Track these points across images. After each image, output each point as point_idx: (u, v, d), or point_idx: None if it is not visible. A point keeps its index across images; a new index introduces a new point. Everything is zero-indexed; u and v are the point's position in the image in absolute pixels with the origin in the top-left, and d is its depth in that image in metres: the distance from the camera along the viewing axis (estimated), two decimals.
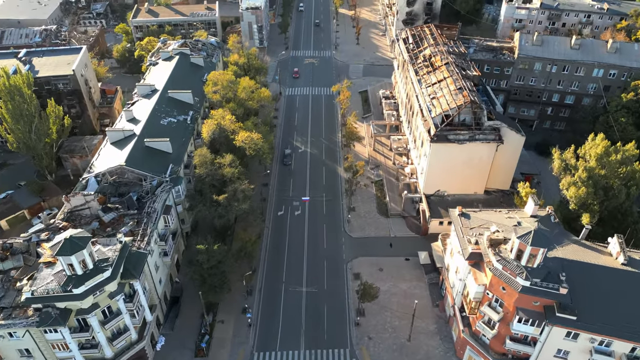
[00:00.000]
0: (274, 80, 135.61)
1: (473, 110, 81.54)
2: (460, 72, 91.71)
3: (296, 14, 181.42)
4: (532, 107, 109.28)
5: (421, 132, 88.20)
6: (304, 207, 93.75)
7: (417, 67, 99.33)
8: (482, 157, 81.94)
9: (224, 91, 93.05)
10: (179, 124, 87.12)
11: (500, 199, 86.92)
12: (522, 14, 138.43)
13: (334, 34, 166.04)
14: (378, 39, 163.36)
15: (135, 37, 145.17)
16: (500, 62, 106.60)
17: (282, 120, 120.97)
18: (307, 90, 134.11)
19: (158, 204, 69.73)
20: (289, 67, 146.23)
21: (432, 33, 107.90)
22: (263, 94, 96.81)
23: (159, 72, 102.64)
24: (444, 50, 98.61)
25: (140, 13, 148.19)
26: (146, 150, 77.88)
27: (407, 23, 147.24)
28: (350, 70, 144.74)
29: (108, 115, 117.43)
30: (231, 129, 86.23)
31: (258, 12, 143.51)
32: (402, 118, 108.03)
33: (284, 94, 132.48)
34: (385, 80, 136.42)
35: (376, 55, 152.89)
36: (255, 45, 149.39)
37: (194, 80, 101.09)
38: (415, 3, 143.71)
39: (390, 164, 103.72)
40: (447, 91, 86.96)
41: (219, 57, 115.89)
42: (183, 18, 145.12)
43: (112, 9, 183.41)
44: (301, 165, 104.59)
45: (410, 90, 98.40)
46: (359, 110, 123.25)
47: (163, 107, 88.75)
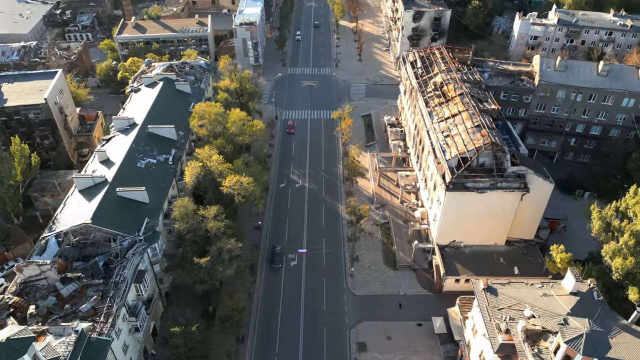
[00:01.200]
0: (270, 102, 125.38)
1: (494, 153, 71.17)
2: (477, 104, 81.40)
3: (295, 27, 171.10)
4: (554, 138, 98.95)
5: (433, 174, 77.91)
6: (300, 256, 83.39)
7: (427, 96, 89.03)
8: (505, 207, 71.58)
9: (212, 126, 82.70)
10: (159, 166, 76.72)
11: (523, 250, 76.51)
12: (538, 30, 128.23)
13: (334, 49, 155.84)
14: (381, 54, 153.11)
15: (121, 55, 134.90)
16: (518, 90, 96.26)
17: (277, 148, 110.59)
18: (305, 113, 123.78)
19: (128, 271, 59.33)
20: (286, 86, 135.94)
21: (442, 56, 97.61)
22: (256, 128, 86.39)
23: (141, 100, 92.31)
24: (457, 78, 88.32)
25: (127, 28, 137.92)
26: (118, 201, 67.48)
27: (413, 39, 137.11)
28: (352, 90, 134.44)
29: (87, 144, 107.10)
30: (218, 171, 75.92)
31: (253, 28, 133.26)
32: (410, 150, 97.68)
33: (280, 118, 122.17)
34: (390, 102, 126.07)
35: (380, 73, 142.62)
36: (250, 62, 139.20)
37: (179, 111, 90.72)
38: (422, 18, 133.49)
39: (397, 203, 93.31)
40: (462, 128, 76.64)
41: (208, 81, 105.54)
42: (172, 34, 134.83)
43: (100, 20, 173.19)
44: (298, 205, 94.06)
45: (420, 122, 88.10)
46: (361, 138, 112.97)
47: (141, 146, 78.36)
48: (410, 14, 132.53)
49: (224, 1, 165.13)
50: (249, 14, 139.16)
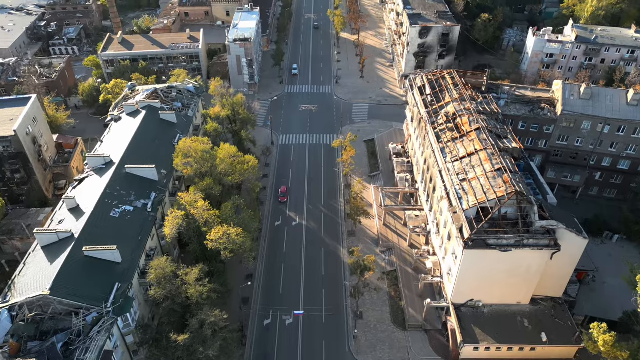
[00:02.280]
0: (265, 125, 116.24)
1: (519, 203, 61.98)
2: (496, 142, 72.22)
3: (293, 38, 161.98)
4: (577, 172, 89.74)
5: (447, 222, 68.72)
6: (297, 307, 74.18)
7: (438, 128, 79.87)
8: (531, 266, 62.41)
9: (198, 165, 73.47)
10: (137, 215, 67.44)
11: (551, 310, 67.23)
12: (554, 48, 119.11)
13: (334, 64, 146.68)
14: (385, 70, 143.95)
15: (106, 73, 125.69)
16: (539, 119, 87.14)
17: (273, 179, 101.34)
18: (303, 138, 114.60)
19: (92, 355, 50.05)
20: (284, 106, 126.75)
21: (454, 82, 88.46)
22: (248, 165, 77.11)
23: (120, 132, 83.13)
24: (472, 109, 79.17)
25: (113, 44, 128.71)
26: (85, 262, 58.25)
27: (419, 56, 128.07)
28: (354, 111, 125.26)
29: (64, 176, 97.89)
30: (203, 220, 66.73)
31: (247, 45, 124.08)
32: (419, 185, 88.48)
33: (276, 143, 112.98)
34: (395, 125, 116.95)
35: (383, 92, 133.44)
36: (245, 80, 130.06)
37: (162, 144, 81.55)
38: (429, 34, 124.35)
39: (405, 246, 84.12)
40: (481, 171, 67.45)
41: (197, 107, 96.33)
42: (161, 51, 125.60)
43: (87, 32, 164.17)
44: (295, 248, 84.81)
45: (430, 158, 78.94)
46: (364, 167, 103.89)
47: (117, 191, 69.09)
48: (416, 29, 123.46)
49: (217, 13, 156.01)
50: (244, 29, 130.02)
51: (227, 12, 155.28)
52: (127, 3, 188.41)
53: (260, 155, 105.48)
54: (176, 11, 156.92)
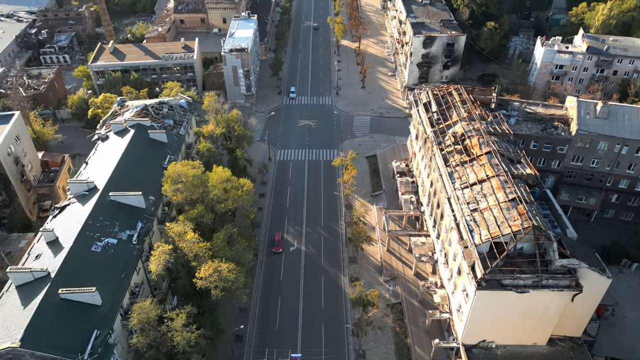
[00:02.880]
0: (263, 139, 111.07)
1: (536, 238, 56.82)
2: (509, 167, 67.08)
3: (292, 46, 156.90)
4: (592, 194, 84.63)
5: (456, 253, 63.66)
6: (294, 347, 68.96)
7: (445, 150, 74.74)
8: (550, 307, 57.29)
9: (188, 193, 68.28)
10: (120, 248, 62.24)
11: (570, 352, 62.04)
12: (565, 59, 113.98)
13: (334, 73, 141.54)
14: (387, 80, 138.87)
15: (96, 84, 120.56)
16: (552, 139, 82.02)
17: (270, 199, 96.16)
18: (302, 154, 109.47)
19: None
20: (282, 119, 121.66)
21: (462, 99, 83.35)
22: (242, 191, 71.89)
23: (106, 153, 77.97)
24: (481, 129, 74.07)
25: (104, 54, 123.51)
26: (61, 306, 53.08)
27: (423, 66, 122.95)
28: (355, 124, 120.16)
29: (49, 196, 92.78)
30: (192, 254, 61.59)
31: (244, 55, 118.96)
32: (425, 209, 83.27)
33: (274, 159, 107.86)
34: (398, 140, 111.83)
35: (385, 103, 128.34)
36: (241, 92, 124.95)
37: (151, 167, 76.38)
38: (433, 44, 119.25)
39: (411, 275, 78.99)
40: (493, 201, 62.29)
41: (190, 124, 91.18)
42: (154, 62, 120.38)
43: (79, 40, 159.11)
44: (293, 277, 79.67)
45: (437, 182, 73.81)
46: (366, 185, 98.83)
47: (100, 221, 63.91)
48: (420, 39, 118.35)
49: (214, 20, 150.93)
50: (240, 38, 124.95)
51: (223, 19, 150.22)
52: (122, 9, 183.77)
53: (257, 173, 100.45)
54: (171, 18, 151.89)
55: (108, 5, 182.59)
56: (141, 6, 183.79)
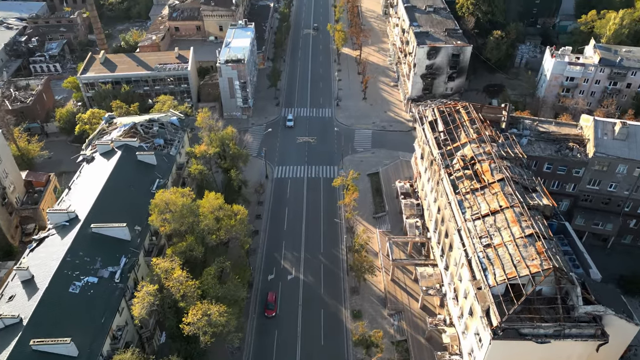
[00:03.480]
0: (259, 155, 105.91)
1: (558, 282, 51.68)
2: (524, 197, 61.95)
3: (291, 54, 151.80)
4: (610, 220, 79.51)
5: (467, 290, 58.55)
6: None
7: (454, 175, 69.62)
8: (571, 357, 52.12)
9: (177, 224, 63.11)
10: (101, 288, 57.11)
11: None
12: (576, 71, 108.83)
13: (335, 83, 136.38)
14: (389, 91, 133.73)
15: (86, 97, 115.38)
16: (567, 161, 76.91)
17: (266, 221, 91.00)
18: (301, 170, 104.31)
19: None
20: (280, 132, 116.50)
21: (470, 118, 78.22)
22: (235, 220, 66.75)
23: (91, 178, 72.90)
24: (493, 153, 68.98)
25: (94, 64, 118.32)
26: (33, 358, 47.93)
27: (427, 78, 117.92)
28: (356, 138, 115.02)
29: (33, 219, 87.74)
30: (180, 294, 56.48)
31: (240, 67, 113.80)
32: (431, 235, 78.10)
33: (271, 176, 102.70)
34: (401, 155, 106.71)
35: (388, 116, 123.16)
36: (237, 104, 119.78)
37: (138, 193, 71.29)
38: (438, 55, 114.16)
39: (417, 308, 73.81)
40: (508, 236, 57.16)
41: (182, 142, 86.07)
42: (146, 73, 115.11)
43: (71, 48, 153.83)
44: (290, 309, 74.54)
45: (446, 209, 68.67)
46: (367, 205, 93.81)
47: (79, 257, 58.80)
48: (424, 50, 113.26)
49: (210, 28, 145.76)
50: (237, 48, 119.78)
51: (220, 26, 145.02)
52: (116, 14, 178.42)
53: (253, 192, 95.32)
54: (166, 26, 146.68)
55: (101, 11, 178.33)
56: (136, 12, 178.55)
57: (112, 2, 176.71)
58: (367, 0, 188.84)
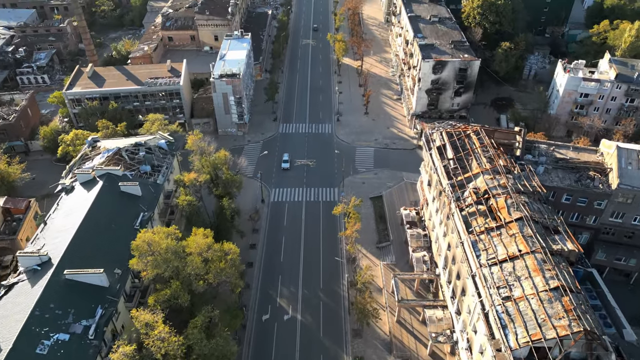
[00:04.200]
0: (255, 177, 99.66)
1: (589, 348, 45.47)
2: (546, 242, 55.73)
3: (289, 66, 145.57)
4: (633, 254, 73.31)
5: (484, 346, 52.34)
6: None
7: (466, 210, 63.40)
8: None
9: (160, 269, 56.87)
10: (73, 346, 50.81)
11: None
12: (591, 87, 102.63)
13: (335, 96, 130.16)
14: (392, 105, 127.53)
15: (72, 113, 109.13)
16: (588, 193, 70.69)
17: (262, 251, 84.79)
18: (299, 193, 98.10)
19: None
20: (277, 150, 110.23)
21: (482, 144, 72.03)
22: (225, 262, 60.50)
23: (69, 212, 66.67)
24: (508, 186, 62.81)
25: (81, 79, 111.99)
26: None
27: (433, 93, 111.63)
28: (358, 157, 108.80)
29: (11, 250, 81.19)
30: (162, 352, 50.26)
31: (235, 82, 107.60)
32: (440, 272, 71.85)
33: (267, 200, 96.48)
34: (405, 176, 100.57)
35: (391, 132, 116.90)
36: (233, 120, 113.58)
37: (120, 230, 65.00)
38: (444, 70, 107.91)
39: (425, 355, 67.47)
40: (530, 288, 50.95)
41: (171, 168, 79.81)
42: (135, 88, 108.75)
43: (61, 58, 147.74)
44: (286, 351, 68.25)
45: (457, 248, 62.46)
46: (370, 233, 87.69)
47: (50, 310, 52.52)
48: (429, 64, 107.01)
49: (205, 38, 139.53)
50: (232, 61, 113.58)
51: (215, 36, 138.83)
52: (109, 22, 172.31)
53: (248, 220, 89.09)
54: (159, 35, 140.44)
55: (94, 18, 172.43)
56: (129, 19, 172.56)
57: (105, 10, 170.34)
58: (369, 7, 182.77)
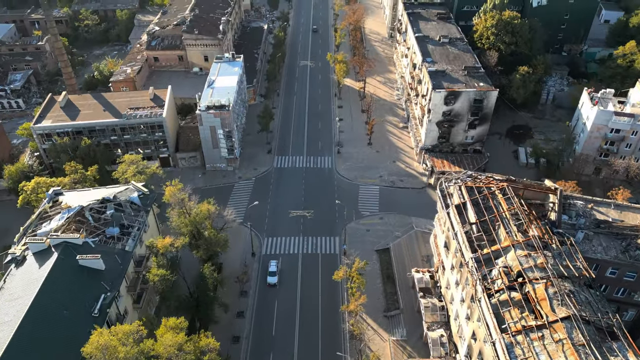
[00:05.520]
0: (245, 224, 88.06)
1: None
2: (601, 351, 44.25)
3: (285, 89, 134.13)
4: None
5: None
6: None
7: (496, 297, 51.92)
8: None
9: None
10: None
11: None
12: (623, 123, 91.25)
13: (335, 124, 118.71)
14: (398, 134, 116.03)
15: (41, 149, 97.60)
16: (638, 268, 59.23)
17: (250, 321, 73.21)
18: (295, 244, 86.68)
19: None
20: (271, 191, 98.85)
21: (511, 206, 60.54)
22: None
23: (14, 294, 55.19)
24: (549, 268, 51.41)
25: (53, 109, 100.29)
26: None
27: (444, 125, 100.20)
28: (361, 196, 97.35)
29: None
30: None
31: (225, 114, 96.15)
32: (462, 359, 60.38)
33: (259, 252, 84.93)
34: (415, 223, 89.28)
35: (397, 167, 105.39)
36: (222, 155, 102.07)
37: (73, 321, 53.54)
38: (457, 101, 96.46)
39: None
40: None
41: (144, 227, 68.34)
42: (112, 121, 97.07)
43: (38, 79, 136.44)
44: None
45: (485, 343, 50.99)
46: (376, 295, 76.26)
47: None
48: (441, 95, 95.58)
49: (194, 58, 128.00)
50: (221, 89, 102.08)
51: (205, 57, 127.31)
52: (93, 37, 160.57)
53: (235, 281, 77.51)
54: (143, 55, 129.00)
55: (77, 33, 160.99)
56: (115, 34, 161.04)
57: (89, 24, 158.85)
58: (371, 21, 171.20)
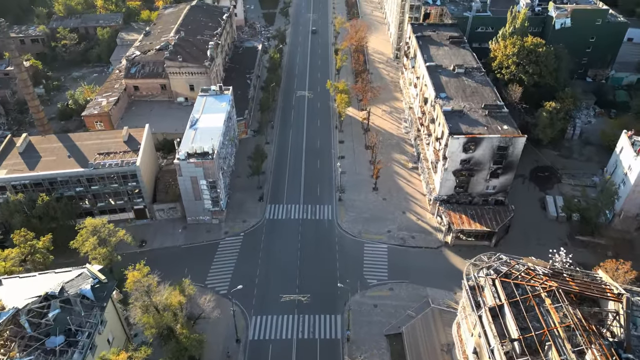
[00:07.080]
0: (230, 299, 74.22)
1: None
2: None
3: (281, 120, 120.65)
4: None
5: None
6: None
7: None
8: None
9: None
10: None
11: None
12: None
13: (336, 162, 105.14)
14: (407, 177, 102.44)
15: None
16: None
17: None
18: (288, 325, 72.95)
19: None
20: (261, 252, 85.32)
21: (565, 322, 46.92)
22: None
23: None
24: None
25: (10, 155, 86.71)
26: None
27: (462, 174, 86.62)
28: (366, 259, 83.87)
29: None
30: None
31: (208, 163, 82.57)
32: None
33: (244, 338, 71.30)
34: (432, 298, 75.64)
35: (407, 218, 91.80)
36: (205, 207, 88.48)
37: None
38: (478, 148, 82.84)
39: None
40: None
41: (98, 329, 54.72)
42: (76, 172, 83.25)
43: (6, 108, 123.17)
44: None
45: None
46: None
47: None
48: (459, 142, 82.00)
49: (178, 88, 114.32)
50: (206, 131, 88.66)
51: (190, 86, 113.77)
52: (72, 57, 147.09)
53: None
54: (122, 84, 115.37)
55: (54, 53, 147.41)
56: (96, 54, 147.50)
57: (67, 44, 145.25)
58: (375, 39, 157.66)
